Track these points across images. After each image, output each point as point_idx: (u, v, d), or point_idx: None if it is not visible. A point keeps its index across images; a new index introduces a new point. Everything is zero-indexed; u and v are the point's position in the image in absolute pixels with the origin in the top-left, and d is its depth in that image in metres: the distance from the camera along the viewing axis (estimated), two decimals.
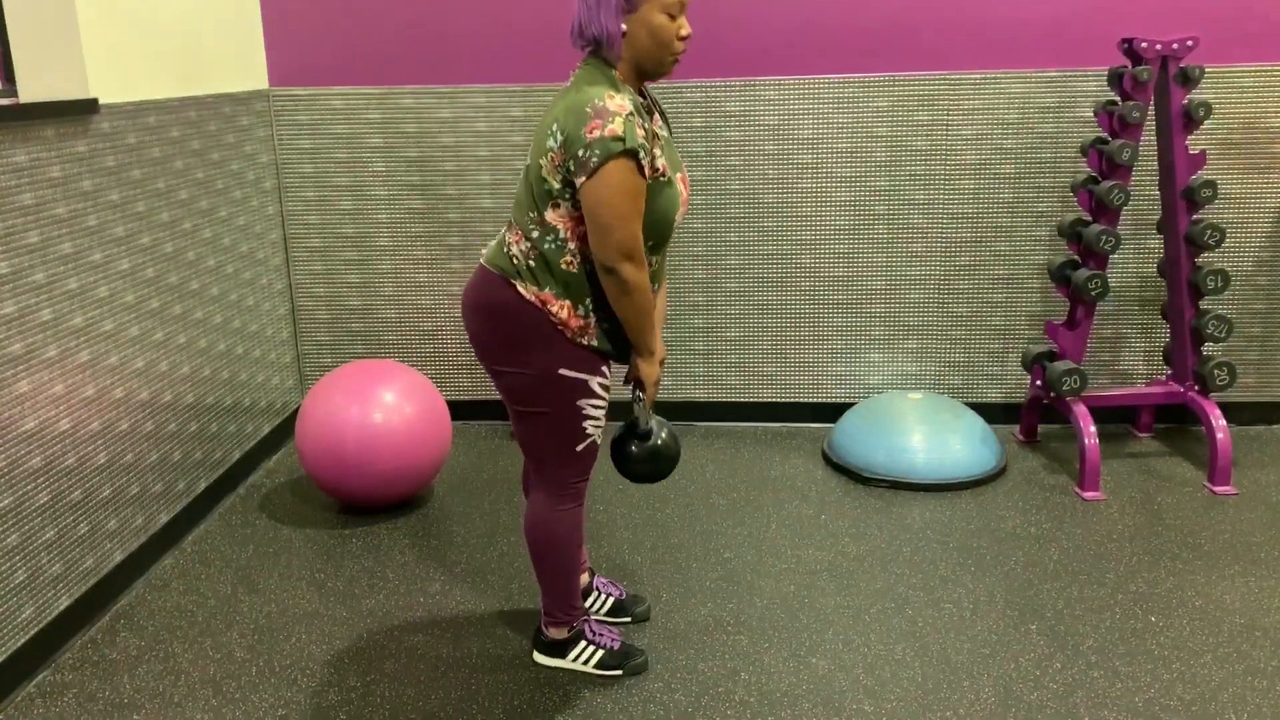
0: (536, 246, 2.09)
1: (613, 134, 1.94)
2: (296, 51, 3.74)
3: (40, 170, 2.47)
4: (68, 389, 2.55)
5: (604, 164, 1.95)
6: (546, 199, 2.06)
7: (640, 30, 2.02)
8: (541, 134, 2.05)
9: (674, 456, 2.31)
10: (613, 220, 1.98)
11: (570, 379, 2.14)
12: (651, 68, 2.07)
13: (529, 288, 2.09)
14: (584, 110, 1.96)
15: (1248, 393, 3.80)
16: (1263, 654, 2.44)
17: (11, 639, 2.35)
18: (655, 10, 2.00)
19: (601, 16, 2.01)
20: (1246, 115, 3.55)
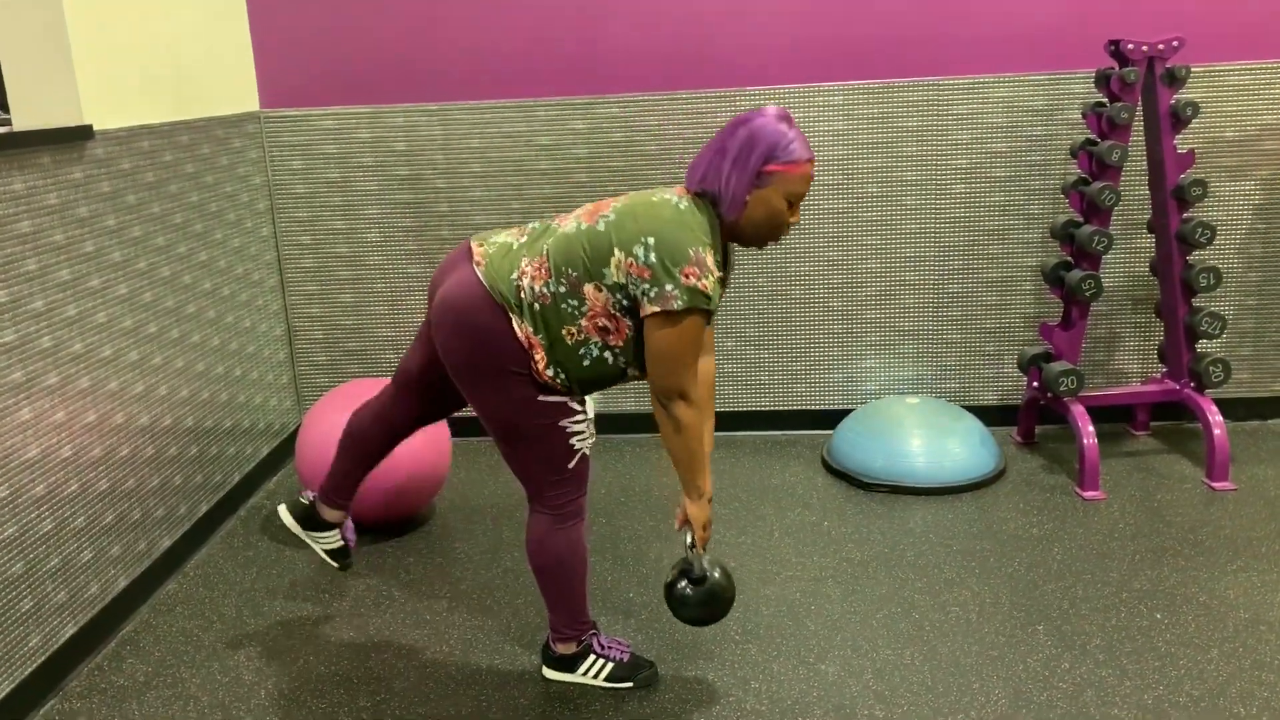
0: (553, 300, 2.08)
1: (704, 290, 2.01)
2: (286, 73, 3.75)
3: (37, 198, 2.47)
4: (69, 415, 2.55)
5: (687, 313, 2.01)
6: (597, 278, 2.07)
7: (760, 207, 2.08)
8: (630, 226, 2.05)
9: (730, 598, 2.27)
10: (676, 363, 2.05)
11: (548, 403, 2.15)
12: (750, 238, 2.14)
13: (524, 326, 2.10)
14: (686, 251, 2.01)
15: (1242, 388, 3.83)
16: (1268, 648, 2.46)
17: (20, 667, 2.34)
18: (779, 194, 2.07)
19: (734, 182, 2.06)
20: (1234, 113, 3.58)
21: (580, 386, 2.18)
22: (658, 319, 2.04)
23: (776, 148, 2.04)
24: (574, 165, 3.76)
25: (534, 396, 2.13)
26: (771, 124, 2.06)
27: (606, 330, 2.11)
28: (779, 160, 2.05)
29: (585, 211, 2.17)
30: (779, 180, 2.06)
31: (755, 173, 2.06)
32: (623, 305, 2.08)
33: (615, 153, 3.74)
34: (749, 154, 2.05)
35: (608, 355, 2.14)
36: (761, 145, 2.04)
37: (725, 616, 2.36)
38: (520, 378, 2.12)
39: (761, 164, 2.05)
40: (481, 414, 2.18)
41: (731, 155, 2.06)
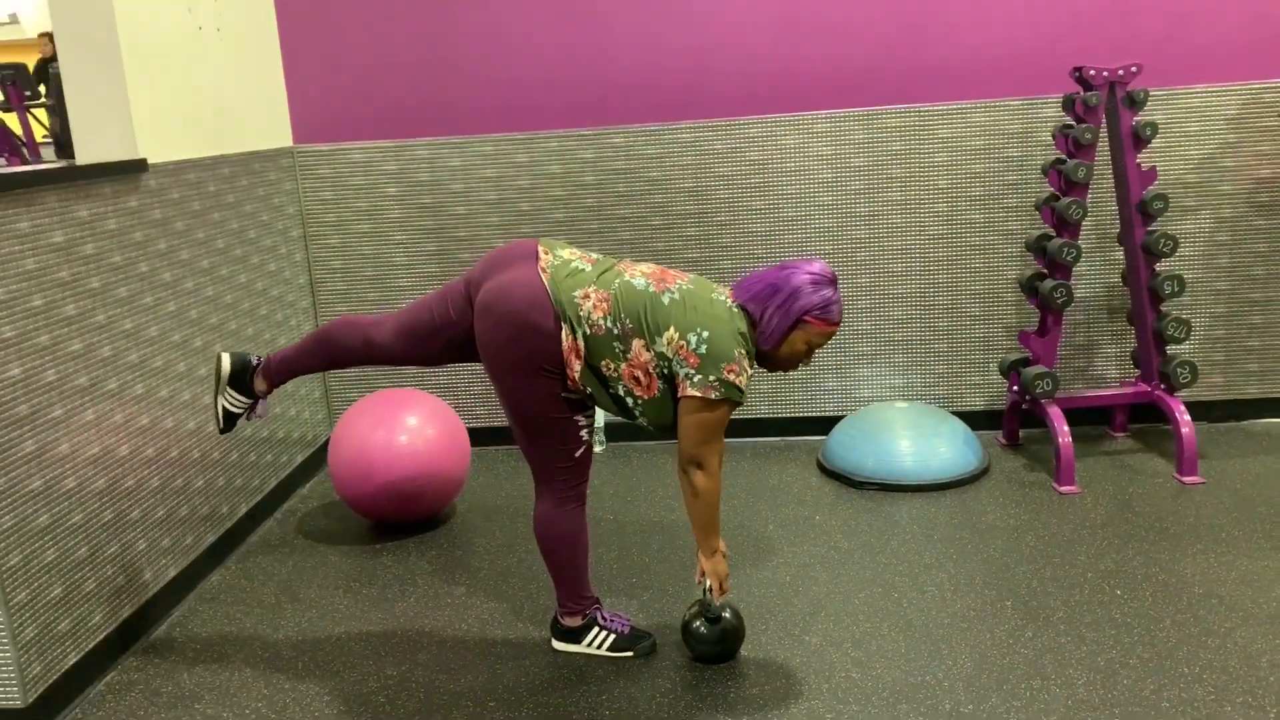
0: (606, 334, 2.35)
1: (738, 385, 2.35)
2: (317, 111, 4.08)
3: (99, 223, 2.78)
4: (126, 418, 2.84)
5: (721, 402, 2.34)
6: (648, 339, 2.35)
7: (788, 346, 2.41)
8: (690, 314, 2.34)
9: (742, 635, 2.59)
10: (705, 440, 2.38)
11: (568, 400, 2.43)
12: (768, 364, 2.46)
13: (571, 337, 2.36)
14: (731, 353, 2.33)
15: (1216, 391, 4.05)
16: (1217, 618, 2.67)
17: (85, 640, 2.62)
18: (803, 340, 2.40)
19: (776, 319, 2.37)
20: (1194, 133, 3.83)
21: (597, 403, 2.47)
22: (696, 401, 2.34)
23: (822, 306, 2.37)
24: (582, 192, 4.05)
25: (557, 394, 2.41)
26: (823, 285, 2.37)
27: (638, 381, 2.39)
28: (818, 316, 2.37)
29: (654, 275, 2.44)
30: (812, 331, 2.38)
31: (796, 319, 2.37)
32: (662, 371, 2.37)
33: (620, 179, 4.03)
34: (795, 302, 2.36)
35: (629, 400, 2.43)
36: (808, 301, 2.36)
37: (737, 654, 2.62)
38: (550, 377, 2.39)
39: (803, 314, 2.36)
40: (505, 400, 2.45)
41: (781, 297, 2.36)
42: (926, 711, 2.35)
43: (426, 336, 2.53)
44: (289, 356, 2.65)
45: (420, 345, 2.54)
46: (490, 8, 3.97)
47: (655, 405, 2.42)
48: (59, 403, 2.57)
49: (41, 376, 2.51)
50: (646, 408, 2.42)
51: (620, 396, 2.42)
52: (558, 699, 2.48)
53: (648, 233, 4.07)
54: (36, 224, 2.52)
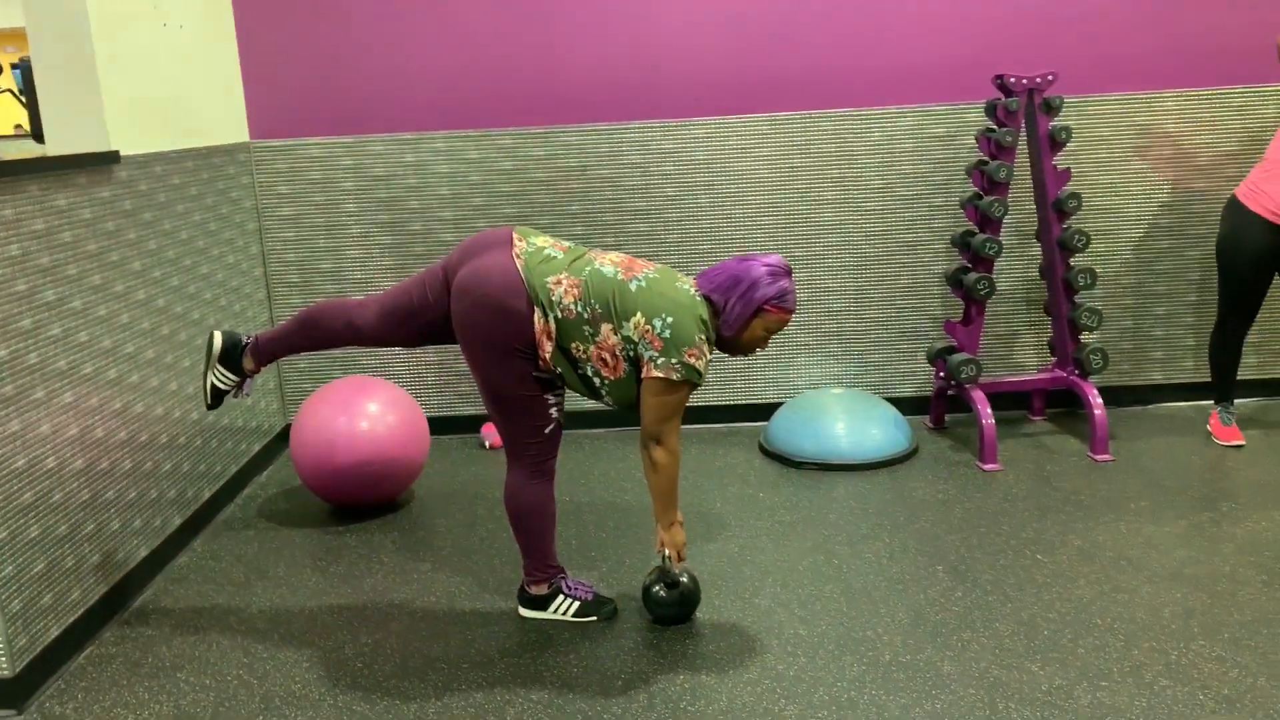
0: (576, 318, 2.52)
1: (697, 368, 2.53)
2: (274, 107, 4.18)
3: (75, 213, 2.87)
4: (100, 401, 2.93)
5: (682, 383, 2.53)
6: (616, 325, 2.52)
7: (749, 332, 2.60)
8: (656, 300, 2.52)
9: (698, 599, 2.79)
10: (665, 418, 2.57)
11: (539, 379, 2.60)
12: (730, 349, 2.65)
13: (543, 320, 2.53)
14: (693, 337, 2.51)
15: (1125, 377, 4.36)
16: (1126, 577, 2.95)
17: (65, 615, 2.71)
18: (762, 327, 2.60)
19: (739, 309, 2.56)
20: (1105, 137, 4.14)
21: (566, 384, 2.64)
22: (659, 382, 2.52)
23: (779, 296, 2.56)
24: (534, 188, 4.22)
25: (529, 373, 2.57)
26: (780, 277, 2.57)
27: (605, 363, 2.57)
28: (776, 304, 2.57)
29: (622, 264, 2.61)
30: (770, 319, 2.58)
31: (757, 308, 2.56)
32: (628, 354, 2.55)
33: (571, 177, 4.20)
34: (754, 292, 2.55)
35: (596, 381, 2.60)
36: (766, 290, 2.55)
37: (693, 617, 2.82)
38: (522, 357, 2.55)
39: (763, 303, 2.56)
40: (480, 378, 2.61)
41: (742, 288, 2.55)
42: (868, 661, 2.57)
43: (405, 318, 2.67)
44: (276, 336, 2.78)
45: (399, 327, 2.68)
46: (444, 8, 4.11)
47: (621, 386, 2.59)
48: (41, 384, 2.65)
49: (25, 359, 2.60)
50: (613, 388, 2.60)
51: (588, 377, 2.59)
52: (527, 660, 2.64)
53: (599, 228, 4.25)
54: (20, 211, 2.61)
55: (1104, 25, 4.07)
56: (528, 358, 2.56)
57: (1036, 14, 4.07)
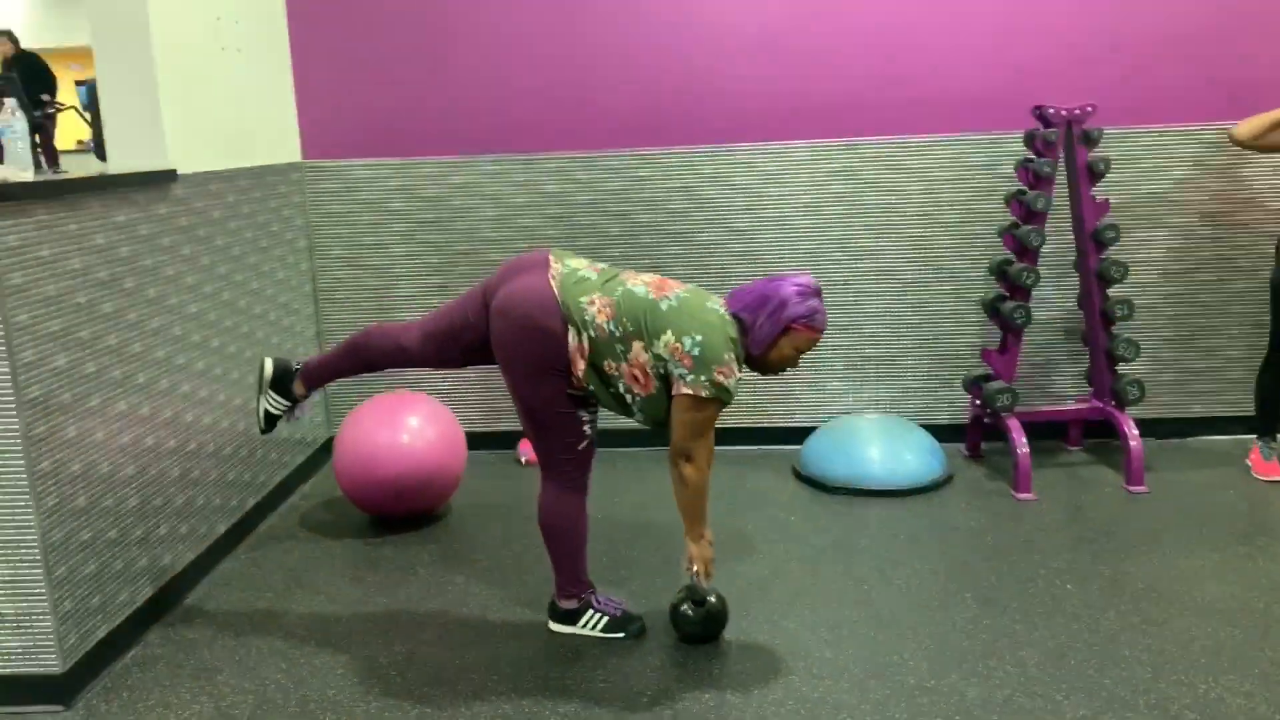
0: (608, 337, 2.59)
1: (727, 386, 2.58)
2: (326, 129, 4.31)
3: (134, 228, 2.99)
4: (152, 411, 3.04)
5: (711, 401, 2.58)
6: (647, 344, 2.58)
7: (777, 351, 2.65)
8: (686, 319, 2.57)
9: (725, 619, 2.83)
10: (694, 435, 2.62)
11: (573, 397, 2.67)
12: (758, 367, 2.70)
13: (577, 340, 2.60)
14: (722, 356, 2.56)
15: (1164, 409, 4.34)
16: (1157, 609, 2.94)
17: (113, 616, 2.81)
18: (791, 346, 2.64)
19: (766, 326, 2.62)
20: (1147, 169, 4.14)
21: (598, 402, 2.71)
22: (688, 399, 2.58)
23: (808, 315, 2.61)
24: (576, 211, 4.30)
25: (564, 391, 2.64)
26: (809, 296, 2.62)
27: (637, 380, 2.63)
28: (805, 323, 2.61)
29: (654, 284, 2.67)
30: (799, 337, 2.63)
31: (785, 326, 2.61)
32: (658, 372, 2.61)
33: (612, 200, 4.28)
34: (783, 311, 2.60)
35: (628, 397, 2.67)
36: (795, 309, 2.60)
37: (719, 636, 2.85)
38: (557, 376, 2.62)
39: (792, 321, 2.60)
40: (516, 396, 2.69)
41: (771, 307, 2.60)
42: (893, 686, 2.59)
43: (448, 340, 2.77)
44: (325, 362, 2.91)
45: (443, 349, 2.79)
46: (492, 36, 4.22)
47: (651, 402, 2.65)
48: (96, 393, 2.77)
49: (83, 368, 2.71)
50: (644, 405, 2.66)
51: (620, 394, 2.65)
52: (556, 673, 2.70)
53: (636, 250, 4.32)
54: (82, 226, 2.73)
55: (1144, 57, 4.08)
56: (562, 376, 2.62)
57: (1076, 45, 4.09)
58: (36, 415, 2.52)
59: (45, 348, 2.56)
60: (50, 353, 2.58)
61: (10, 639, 2.58)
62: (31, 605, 2.56)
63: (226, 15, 3.66)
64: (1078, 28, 4.08)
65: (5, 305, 2.42)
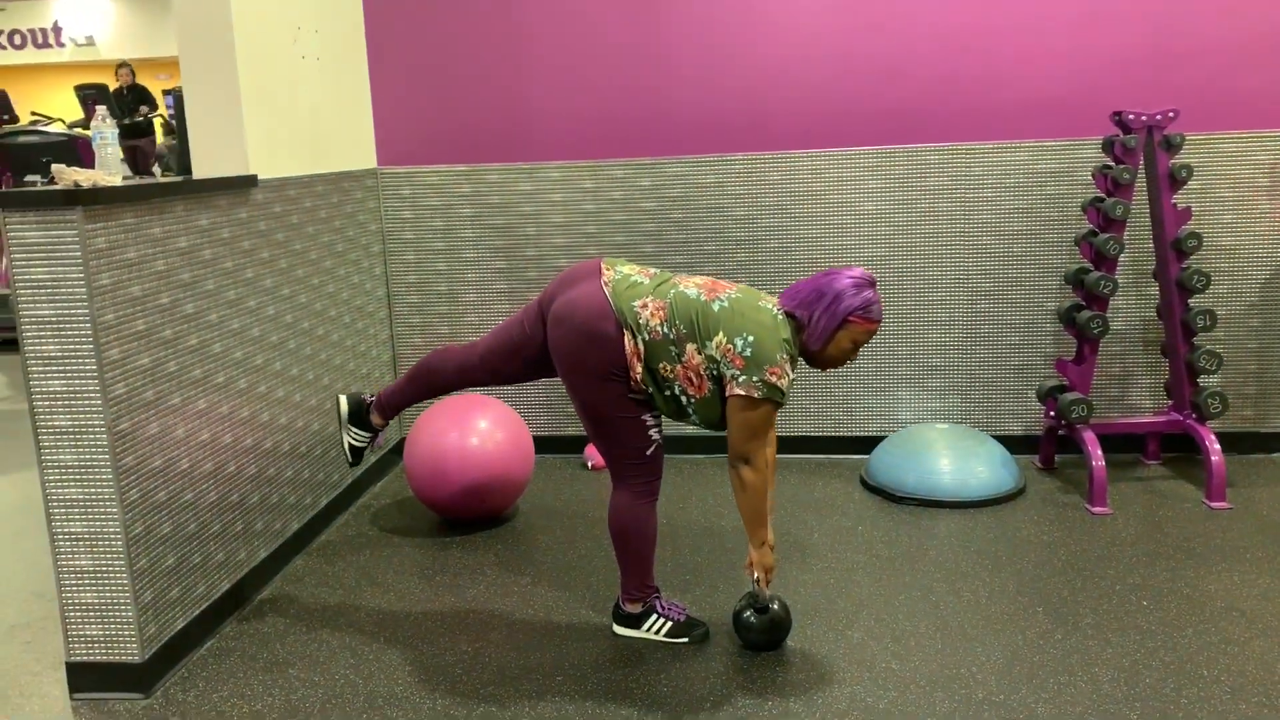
0: (662, 339, 2.62)
1: (780, 386, 2.57)
2: (400, 136, 4.39)
3: (216, 231, 3.07)
4: (231, 410, 3.12)
5: (764, 401, 2.57)
6: (700, 345, 2.60)
7: (836, 346, 2.64)
8: (737, 320, 2.58)
9: (789, 626, 2.82)
10: (750, 436, 2.60)
11: (635, 401, 2.68)
12: (817, 363, 2.69)
13: (634, 341, 2.62)
14: (774, 356, 2.55)
15: (1247, 424, 4.21)
16: (1237, 629, 2.85)
17: (191, 609, 2.89)
18: (849, 339, 2.63)
19: (824, 323, 2.61)
20: (1231, 176, 4.03)
21: (655, 405, 2.72)
22: (740, 400, 2.58)
23: (864, 306, 2.60)
24: (642, 216, 4.32)
25: (625, 394, 2.66)
26: (865, 287, 2.61)
27: (691, 381, 2.64)
28: (862, 315, 2.60)
29: (705, 285, 2.69)
30: (857, 330, 2.61)
31: (842, 320, 2.60)
32: (712, 373, 2.61)
33: (676, 206, 4.29)
34: (839, 304, 2.59)
35: (684, 399, 2.68)
36: (851, 302, 2.59)
37: (783, 643, 2.84)
38: (616, 380, 2.64)
39: (848, 314, 2.59)
40: (579, 403, 2.71)
41: (827, 301, 2.60)
42: (960, 699, 2.55)
43: (509, 354, 2.84)
44: (395, 390, 3.02)
45: (506, 363, 2.86)
46: (561, 46, 4.26)
47: (706, 405, 2.65)
48: (177, 391, 2.85)
49: (165, 367, 2.80)
50: (698, 407, 2.66)
51: (675, 397, 2.66)
52: (619, 676, 2.71)
53: (701, 257, 4.32)
54: (167, 229, 2.82)
55: (1227, 61, 3.97)
56: (622, 380, 2.64)
57: (1156, 49, 3.99)
58: (121, 411, 2.61)
59: (130, 346, 2.65)
60: (134, 351, 2.67)
61: (93, 628, 2.67)
62: (114, 596, 2.64)
63: (306, 25, 3.76)
64: (1159, 29, 3.99)
65: (93, 305, 2.52)
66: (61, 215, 2.48)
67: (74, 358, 2.54)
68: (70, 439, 2.57)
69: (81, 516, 2.61)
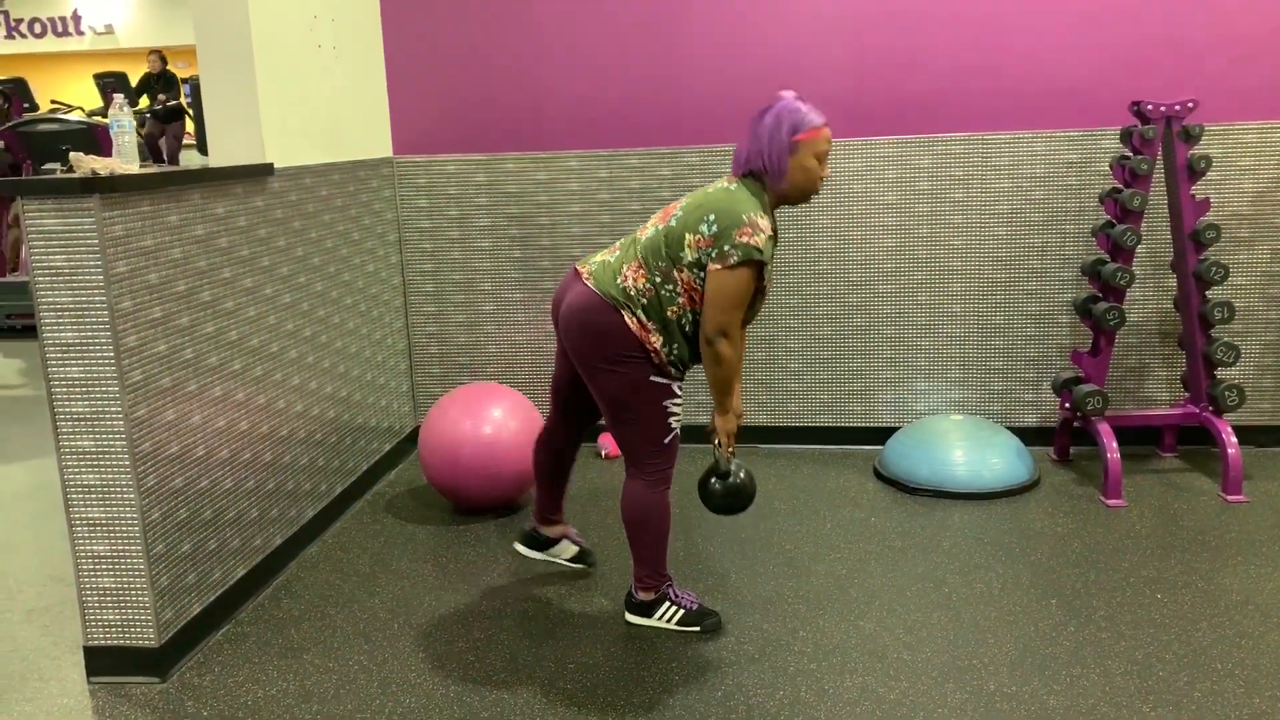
0: (655, 290, 2.63)
1: (756, 245, 2.53)
2: (416, 125, 4.39)
3: (232, 220, 3.09)
4: (247, 397, 3.14)
5: (741, 264, 2.54)
6: (677, 261, 2.61)
7: (796, 170, 2.62)
8: (694, 213, 2.60)
9: (751, 493, 2.80)
10: (727, 305, 2.56)
11: (657, 384, 2.68)
12: (796, 198, 2.68)
13: (634, 317, 2.63)
14: (740, 217, 2.54)
15: (1265, 417, 4.18)
16: (1252, 622, 2.84)
17: (206, 594, 2.92)
18: (809, 156, 2.61)
19: (775, 156, 2.60)
20: (1249, 167, 3.99)
21: (690, 356, 2.70)
22: (718, 272, 2.55)
23: (799, 122, 2.58)
24: (658, 206, 4.31)
25: (645, 379, 2.66)
26: (790, 104, 2.60)
27: (694, 301, 2.64)
28: (803, 130, 2.58)
29: (658, 216, 2.72)
30: (807, 146, 2.59)
31: (788, 145, 2.59)
32: (701, 279, 2.61)
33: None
34: (778, 133, 2.58)
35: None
36: (787, 124, 2.58)
37: (745, 509, 2.85)
38: (633, 362, 2.65)
39: (791, 137, 2.58)
40: (599, 394, 2.72)
41: (766, 138, 2.60)
42: (971, 690, 2.55)
43: (565, 393, 2.94)
44: (539, 500, 3.11)
45: (575, 400, 2.95)
46: (576, 35, 4.26)
47: None
48: (194, 378, 2.87)
49: (181, 354, 2.82)
50: None
51: (696, 323, 2.66)
52: (631, 663, 2.72)
53: None
54: (184, 217, 2.84)
55: (1246, 50, 3.94)
56: (638, 360, 2.65)
57: (1175, 39, 3.96)
58: (138, 398, 2.63)
59: (147, 334, 2.67)
60: (151, 339, 2.69)
61: (110, 612, 2.69)
62: (131, 581, 2.67)
63: (323, 14, 3.76)
64: (1177, 19, 3.95)
65: (110, 292, 2.53)
66: (79, 203, 2.49)
67: (92, 344, 2.56)
68: (88, 425, 2.60)
69: (99, 502, 2.64)
